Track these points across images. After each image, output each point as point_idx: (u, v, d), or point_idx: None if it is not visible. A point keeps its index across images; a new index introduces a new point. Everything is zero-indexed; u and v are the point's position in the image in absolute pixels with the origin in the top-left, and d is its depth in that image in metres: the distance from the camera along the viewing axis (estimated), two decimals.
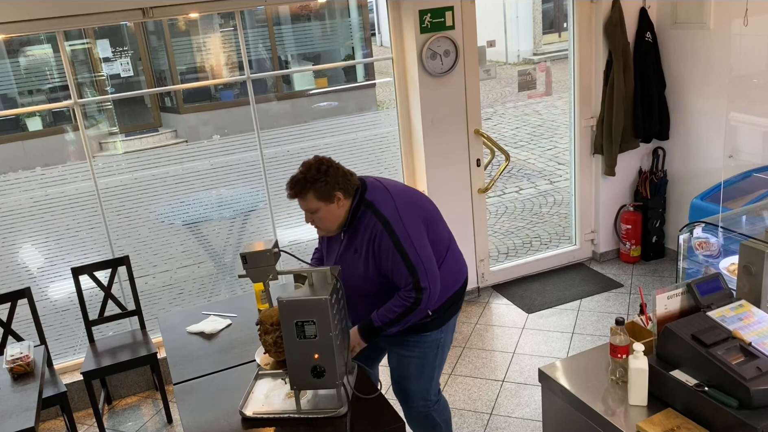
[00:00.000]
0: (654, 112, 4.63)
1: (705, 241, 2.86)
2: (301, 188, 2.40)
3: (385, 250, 2.43)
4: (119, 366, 3.49)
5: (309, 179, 2.40)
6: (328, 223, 2.47)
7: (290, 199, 2.46)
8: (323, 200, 2.42)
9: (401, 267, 2.42)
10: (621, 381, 2.08)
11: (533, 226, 6.09)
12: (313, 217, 2.47)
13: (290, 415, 2.15)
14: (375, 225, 2.44)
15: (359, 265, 2.50)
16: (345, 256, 2.54)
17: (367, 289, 2.54)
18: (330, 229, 2.50)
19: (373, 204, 2.48)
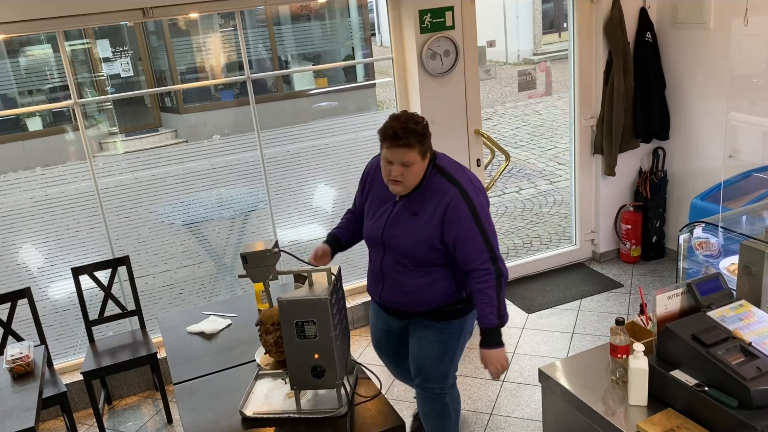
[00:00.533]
0: (654, 112, 4.63)
1: (705, 241, 2.87)
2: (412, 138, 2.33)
3: (462, 216, 2.39)
4: (119, 366, 3.49)
5: (420, 132, 2.35)
6: (413, 178, 2.41)
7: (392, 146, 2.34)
8: (422, 155, 2.38)
9: (476, 236, 2.39)
10: (621, 381, 2.08)
11: (533, 226, 6.09)
12: (404, 171, 2.38)
13: (290, 415, 2.15)
14: (449, 190, 2.41)
15: (415, 228, 2.46)
16: (399, 218, 2.50)
17: (411, 255, 2.49)
18: (411, 185, 2.43)
19: (446, 170, 2.46)
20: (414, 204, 2.48)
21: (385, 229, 2.54)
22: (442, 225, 2.42)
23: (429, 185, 2.46)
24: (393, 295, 2.62)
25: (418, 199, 2.47)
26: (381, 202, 2.59)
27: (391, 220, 2.53)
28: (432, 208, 2.44)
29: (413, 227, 2.47)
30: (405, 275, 2.55)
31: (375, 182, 2.65)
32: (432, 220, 2.43)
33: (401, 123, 2.34)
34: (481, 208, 2.44)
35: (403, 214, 2.50)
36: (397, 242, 2.51)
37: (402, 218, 2.50)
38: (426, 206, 2.45)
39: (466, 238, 2.40)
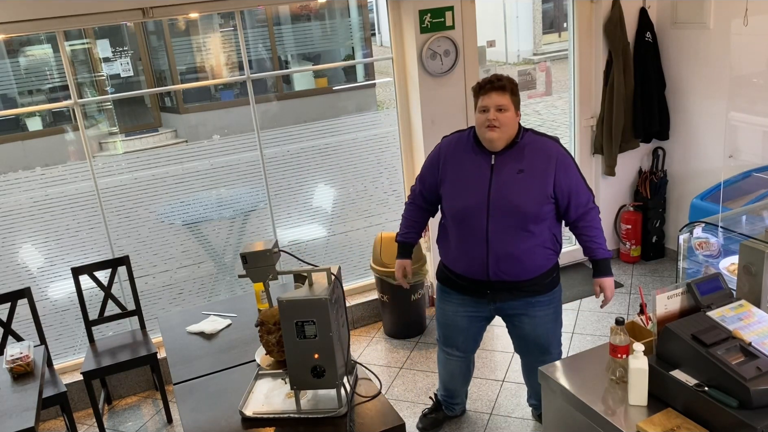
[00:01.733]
0: (654, 112, 4.63)
1: (705, 241, 2.87)
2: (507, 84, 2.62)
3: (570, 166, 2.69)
4: (119, 366, 3.49)
5: (513, 84, 2.65)
6: (509, 124, 2.62)
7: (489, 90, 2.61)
8: (514, 105, 2.63)
9: (582, 183, 2.73)
10: (621, 381, 2.08)
11: None
12: (499, 116, 2.59)
13: (290, 415, 2.15)
14: (553, 146, 2.69)
15: (527, 183, 2.63)
16: (505, 179, 2.65)
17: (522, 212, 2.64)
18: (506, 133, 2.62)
19: (535, 131, 2.75)
20: (516, 163, 2.65)
21: (492, 193, 2.65)
22: (556, 176, 2.64)
23: (527, 144, 2.68)
24: (502, 264, 2.70)
25: (518, 158, 2.66)
26: (471, 173, 2.72)
27: (496, 183, 2.65)
28: (540, 162, 2.65)
29: (525, 183, 2.64)
30: (512, 239, 2.67)
31: (452, 159, 2.77)
32: (545, 173, 2.64)
33: (495, 76, 2.64)
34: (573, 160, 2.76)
35: (508, 175, 2.65)
36: (508, 202, 2.64)
37: (509, 179, 2.65)
38: (532, 162, 2.65)
39: (578, 185, 2.70)
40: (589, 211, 2.77)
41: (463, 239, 2.75)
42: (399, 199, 4.64)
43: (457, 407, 3.39)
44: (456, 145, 2.78)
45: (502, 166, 2.65)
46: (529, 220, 2.64)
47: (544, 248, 2.73)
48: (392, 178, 4.59)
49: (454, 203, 2.76)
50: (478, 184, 2.67)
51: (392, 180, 4.59)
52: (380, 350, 4.22)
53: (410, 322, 4.30)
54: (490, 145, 2.65)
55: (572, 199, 2.69)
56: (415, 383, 3.81)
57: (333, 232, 4.57)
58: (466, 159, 2.72)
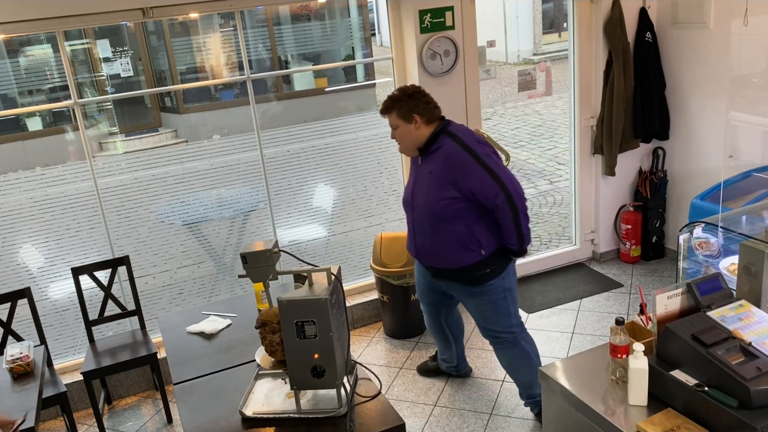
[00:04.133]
0: (654, 112, 4.63)
1: (705, 241, 2.86)
2: (387, 106, 2.91)
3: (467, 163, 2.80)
4: (119, 366, 3.49)
5: (395, 99, 2.89)
6: (405, 140, 2.92)
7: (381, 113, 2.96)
8: (403, 119, 2.87)
9: (486, 177, 2.80)
10: (621, 381, 2.08)
11: (533, 226, 6.09)
12: (393, 133, 2.95)
13: (290, 415, 2.15)
14: (454, 147, 2.84)
15: (432, 184, 2.88)
16: (421, 178, 2.95)
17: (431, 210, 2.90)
18: (405, 146, 2.95)
19: (456, 134, 2.89)
20: (428, 164, 2.92)
21: (414, 190, 3.00)
22: (454, 177, 2.82)
23: (440, 147, 2.87)
24: (425, 253, 3.05)
25: (430, 159, 2.91)
26: (411, 172, 3.09)
27: (416, 181, 2.99)
28: (440, 163, 2.86)
29: (432, 184, 2.89)
30: (428, 232, 2.96)
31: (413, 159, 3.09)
32: (442, 172, 2.85)
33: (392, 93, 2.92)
34: (486, 156, 2.83)
35: (423, 175, 2.94)
36: (420, 200, 2.96)
37: (423, 179, 2.94)
38: (437, 164, 2.88)
39: (479, 182, 2.80)
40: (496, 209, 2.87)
41: (408, 223, 3.14)
42: (399, 199, 4.64)
43: (444, 363, 3.73)
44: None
45: (423, 167, 2.96)
46: (437, 216, 2.90)
47: (462, 244, 2.92)
48: (392, 178, 4.59)
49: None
50: (410, 181, 3.07)
51: (392, 180, 4.59)
52: (380, 350, 4.22)
53: (410, 322, 4.30)
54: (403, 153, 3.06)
55: (479, 197, 2.85)
56: (415, 383, 3.81)
57: (333, 232, 4.57)
58: (415, 159, 3.06)
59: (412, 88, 2.92)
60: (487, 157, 2.82)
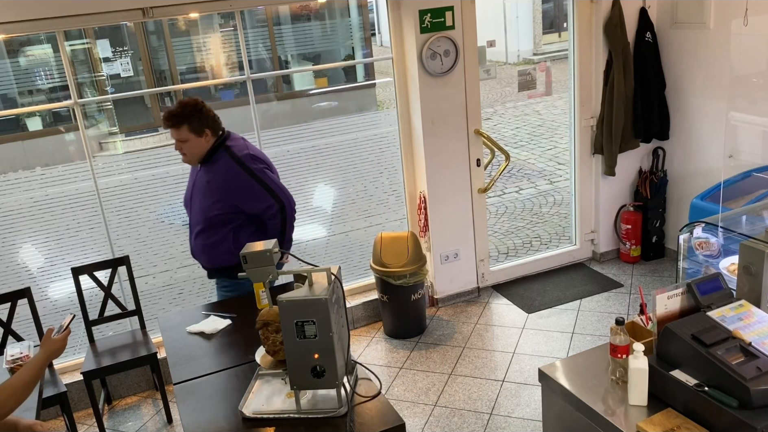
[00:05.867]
0: (654, 112, 4.63)
1: (705, 241, 2.86)
2: (177, 120, 2.95)
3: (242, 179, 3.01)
4: (119, 366, 3.49)
5: (185, 114, 2.95)
6: (193, 152, 3.03)
7: (166, 127, 2.97)
8: (194, 133, 2.98)
9: (260, 190, 3.04)
10: (621, 381, 2.08)
11: (533, 226, 6.09)
12: (181, 146, 3.02)
13: (290, 415, 2.15)
14: (230, 163, 3.02)
15: (208, 193, 3.06)
16: (199, 184, 3.11)
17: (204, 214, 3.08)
18: (193, 157, 3.06)
19: (230, 148, 3.06)
20: (207, 174, 3.08)
21: (192, 194, 3.17)
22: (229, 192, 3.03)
23: (218, 160, 3.05)
24: (196, 252, 3.26)
25: (210, 169, 3.07)
26: (190, 176, 3.24)
27: (194, 187, 3.16)
28: (218, 176, 3.04)
29: (207, 192, 3.07)
30: (203, 235, 3.14)
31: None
32: (219, 186, 3.03)
33: (171, 110, 2.97)
34: (260, 171, 3.05)
35: (200, 183, 3.11)
36: (195, 204, 3.14)
37: (200, 186, 3.11)
38: (215, 175, 3.05)
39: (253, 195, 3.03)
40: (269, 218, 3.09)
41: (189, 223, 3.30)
42: (399, 199, 4.64)
43: None
44: None
45: (202, 175, 3.11)
46: (209, 222, 3.08)
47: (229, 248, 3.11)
48: (392, 178, 4.59)
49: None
50: (189, 185, 3.23)
51: (392, 180, 4.59)
52: (380, 350, 4.22)
53: (410, 322, 4.30)
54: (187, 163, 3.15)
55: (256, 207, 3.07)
56: (415, 383, 3.81)
57: (333, 232, 4.57)
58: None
59: (194, 101, 2.99)
60: (260, 172, 3.05)
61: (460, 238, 4.58)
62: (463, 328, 4.36)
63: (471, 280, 4.72)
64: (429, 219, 4.44)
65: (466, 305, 4.65)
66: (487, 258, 4.77)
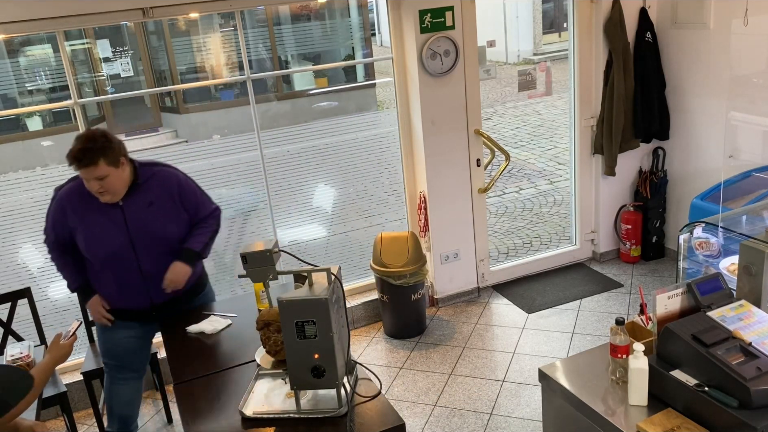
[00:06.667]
0: (654, 112, 4.63)
1: (705, 241, 2.86)
2: (94, 157, 2.62)
3: (191, 189, 2.95)
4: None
5: (99, 148, 2.64)
6: (117, 186, 2.74)
7: (79, 168, 2.64)
8: (112, 165, 2.69)
9: (204, 198, 3.02)
10: (621, 381, 2.08)
11: (533, 226, 6.09)
12: (102, 184, 2.69)
13: (290, 415, 2.15)
14: (170, 175, 2.91)
15: (159, 215, 2.84)
16: (139, 215, 2.82)
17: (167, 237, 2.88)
18: (118, 192, 2.76)
19: (158, 163, 2.95)
20: (144, 198, 2.83)
21: (131, 231, 2.82)
22: (181, 199, 2.89)
23: (148, 179, 2.85)
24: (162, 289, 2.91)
25: (145, 193, 2.84)
26: (102, 221, 2.81)
27: (132, 221, 2.82)
28: (165, 192, 2.86)
29: (159, 213, 2.85)
30: (162, 263, 2.87)
31: (78, 210, 2.84)
32: (171, 200, 2.87)
33: (80, 146, 2.63)
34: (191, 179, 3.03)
35: (140, 211, 2.83)
36: (151, 234, 2.84)
37: (143, 215, 2.83)
38: (159, 194, 2.85)
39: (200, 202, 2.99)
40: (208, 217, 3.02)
41: (120, 279, 2.90)
42: (399, 199, 4.64)
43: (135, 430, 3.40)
44: (78, 195, 2.82)
45: (132, 205, 2.81)
46: (175, 242, 2.90)
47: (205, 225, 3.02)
48: (392, 178, 4.59)
49: (96, 252, 2.86)
50: (114, 228, 2.81)
51: (392, 180, 4.59)
52: (380, 350, 4.22)
53: (410, 322, 4.31)
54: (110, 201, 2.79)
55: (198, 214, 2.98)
56: (415, 383, 3.81)
57: (333, 232, 4.57)
58: (93, 208, 2.80)
59: (100, 131, 2.73)
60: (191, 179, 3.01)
61: (460, 238, 4.58)
62: (463, 328, 4.36)
63: (471, 280, 4.72)
64: (429, 219, 4.44)
65: (466, 305, 4.65)
66: (487, 258, 4.77)
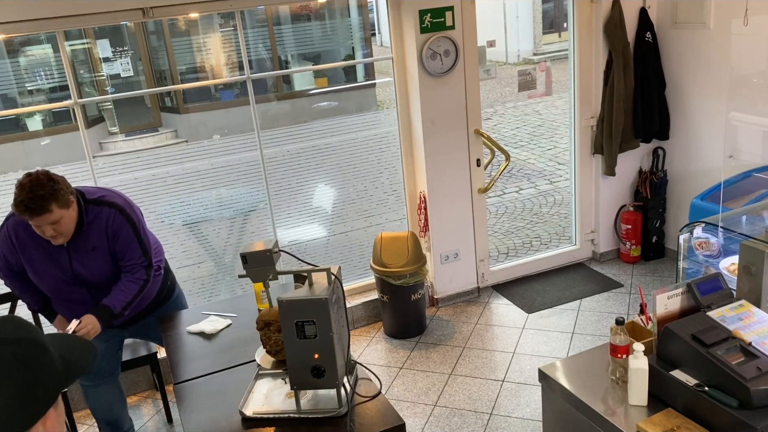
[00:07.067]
0: (654, 112, 4.63)
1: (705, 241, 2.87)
2: (45, 203, 2.49)
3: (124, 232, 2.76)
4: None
5: (48, 193, 2.50)
6: (69, 227, 2.65)
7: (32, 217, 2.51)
8: (64, 207, 2.57)
9: (134, 245, 2.80)
10: (621, 381, 2.08)
11: (533, 226, 6.09)
12: (55, 227, 2.58)
13: (290, 415, 2.15)
14: (110, 213, 2.75)
15: (98, 260, 2.77)
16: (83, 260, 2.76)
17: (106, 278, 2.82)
18: (70, 232, 2.67)
19: (103, 198, 2.78)
20: (87, 242, 2.75)
21: (75, 270, 2.79)
22: (112, 244, 2.77)
23: (92, 220, 2.73)
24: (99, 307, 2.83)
25: (87, 236, 2.74)
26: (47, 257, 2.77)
27: (76, 261, 2.78)
28: (103, 236, 2.75)
29: (100, 259, 2.79)
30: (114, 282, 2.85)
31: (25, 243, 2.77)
32: (108, 243, 2.77)
33: (28, 194, 2.48)
34: (139, 222, 2.83)
35: (83, 254, 2.77)
36: (92, 276, 2.80)
37: (84, 257, 2.77)
38: (99, 238, 2.75)
39: (127, 248, 2.79)
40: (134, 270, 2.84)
41: (73, 307, 2.87)
42: (399, 199, 4.64)
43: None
44: (25, 228, 2.74)
45: (76, 247, 2.75)
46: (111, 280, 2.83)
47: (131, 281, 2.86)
48: (392, 178, 4.59)
49: (42, 284, 2.85)
50: (58, 268, 2.78)
51: (392, 180, 4.59)
52: (380, 350, 4.22)
53: (410, 322, 4.31)
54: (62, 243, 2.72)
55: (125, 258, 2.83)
56: (415, 383, 3.81)
57: (333, 232, 4.57)
58: (37, 245, 2.75)
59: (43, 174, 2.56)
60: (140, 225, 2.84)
61: (460, 238, 4.58)
62: (463, 328, 4.36)
63: (471, 280, 4.72)
64: (429, 219, 4.44)
65: (466, 305, 4.65)
66: (487, 258, 4.77)
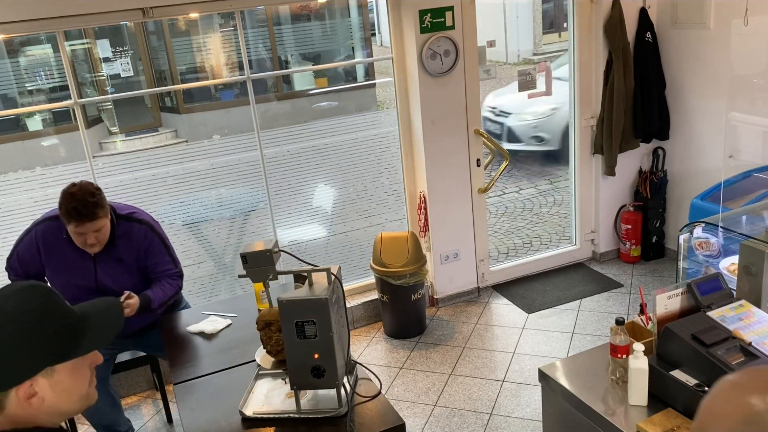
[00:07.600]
0: (654, 112, 4.63)
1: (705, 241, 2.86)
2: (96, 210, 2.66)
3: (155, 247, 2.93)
4: (119, 366, 3.49)
5: (97, 201, 2.67)
6: (107, 236, 2.80)
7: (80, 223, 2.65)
8: (106, 216, 2.75)
9: (167, 258, 2.99)
10: (621, 381, 2.08)
11: (533, 226, 6.09)
12: (97, 236, 2.74)
13: (290, 415, 2.15)
14: (141, 230, 2.90)
15: (124, 272, 2.89)
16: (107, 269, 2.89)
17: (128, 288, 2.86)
18: (105, 242, 2.81)
19: (133, 215, 2.93)
20: (114, 253, 2.88)
21: (99, 281, 2.91)
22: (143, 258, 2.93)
23: (122, 234, 2.87)
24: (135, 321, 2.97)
25: (116, 248, 2.87)
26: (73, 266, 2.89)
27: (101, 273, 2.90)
28: (134, 250, 2.90)
29: (125, 271, 2.92)
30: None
31: (51, 249, 2.91)
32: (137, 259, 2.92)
33: (79, 201, 2.65)
34: (166, 239, 3.02)
35: (109, 266, 2.90)
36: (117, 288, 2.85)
37: (111, 270, 2.90)
38: (128, 251, 2.89)
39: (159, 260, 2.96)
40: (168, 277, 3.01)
41: None
42: (399, 199, 4.64)
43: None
44: (53, 236, 2.88)
45: (104, 258, 2.87)
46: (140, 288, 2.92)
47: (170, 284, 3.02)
48: (392, 178, 4.59)
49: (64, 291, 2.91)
50: (83, 276, 2.89)
51: (392, 180, 4.59)
52: (380, 350, 4.22)
53: (410, 322, 4.30)
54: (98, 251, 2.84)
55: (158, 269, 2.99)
56: (415, 383, 3.81)
57: (333, 232, 4.57)
58: (67, 250, 2.86)
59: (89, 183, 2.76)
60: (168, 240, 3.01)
61: (460, 238, 4.58)
62: (463, 328, 4.36)
63: (471, 280, 4.72)
64: (429, 219, 4.44)
65: (466, 305, 4.65)
66: (487, 258, 4.77)
